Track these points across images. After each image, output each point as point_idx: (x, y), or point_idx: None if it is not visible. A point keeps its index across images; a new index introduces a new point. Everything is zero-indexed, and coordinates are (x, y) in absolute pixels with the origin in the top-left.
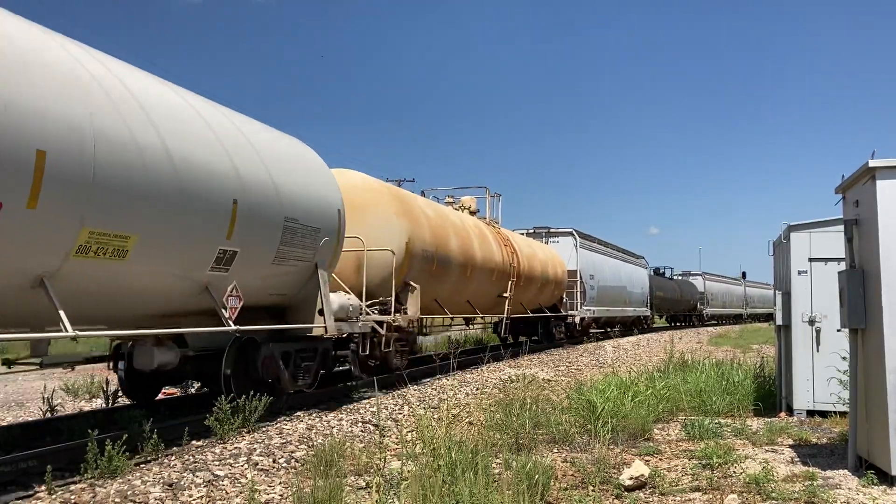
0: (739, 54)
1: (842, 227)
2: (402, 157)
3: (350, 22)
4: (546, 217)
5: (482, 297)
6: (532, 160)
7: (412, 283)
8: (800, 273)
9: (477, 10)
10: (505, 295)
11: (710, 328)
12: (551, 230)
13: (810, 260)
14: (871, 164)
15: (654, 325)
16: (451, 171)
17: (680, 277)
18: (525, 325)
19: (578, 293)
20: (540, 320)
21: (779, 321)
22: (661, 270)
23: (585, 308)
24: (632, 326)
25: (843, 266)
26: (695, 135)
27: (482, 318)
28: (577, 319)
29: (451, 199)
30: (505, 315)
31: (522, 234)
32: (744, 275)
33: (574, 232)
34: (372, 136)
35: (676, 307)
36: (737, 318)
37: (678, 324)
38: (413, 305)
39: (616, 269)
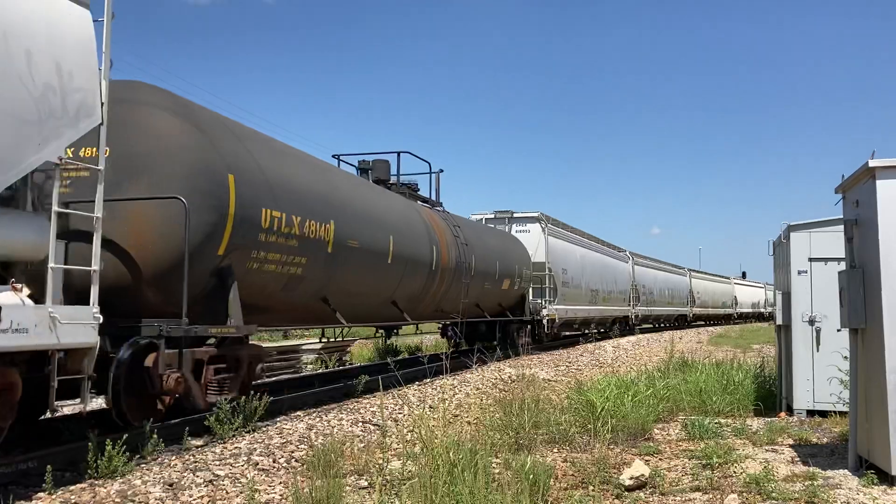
0: (740, 54)
1: (842, 227)
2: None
3: (351, 22)
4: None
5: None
6: (531, 160)
7: None
8: (800, 273)
9: (478, 10)
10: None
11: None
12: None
13: (810, 260)
14: (871, 164)
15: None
16: (451, 173)
17: (490, 224)
18: None
19: None
20: None
21: (779, 321)
22: (413, 183)
23: None
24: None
25: (843, 266)
26: (696, 135)
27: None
28: None
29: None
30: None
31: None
32: (743, 274)
33: None
34: (373, 137)
35: (481, 292)
36: (618, 326)
37: (480, 347)
38: None
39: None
